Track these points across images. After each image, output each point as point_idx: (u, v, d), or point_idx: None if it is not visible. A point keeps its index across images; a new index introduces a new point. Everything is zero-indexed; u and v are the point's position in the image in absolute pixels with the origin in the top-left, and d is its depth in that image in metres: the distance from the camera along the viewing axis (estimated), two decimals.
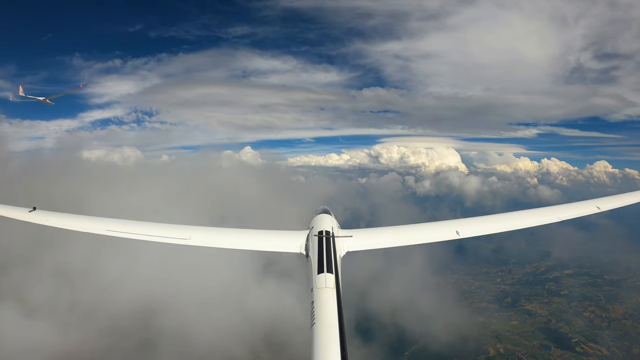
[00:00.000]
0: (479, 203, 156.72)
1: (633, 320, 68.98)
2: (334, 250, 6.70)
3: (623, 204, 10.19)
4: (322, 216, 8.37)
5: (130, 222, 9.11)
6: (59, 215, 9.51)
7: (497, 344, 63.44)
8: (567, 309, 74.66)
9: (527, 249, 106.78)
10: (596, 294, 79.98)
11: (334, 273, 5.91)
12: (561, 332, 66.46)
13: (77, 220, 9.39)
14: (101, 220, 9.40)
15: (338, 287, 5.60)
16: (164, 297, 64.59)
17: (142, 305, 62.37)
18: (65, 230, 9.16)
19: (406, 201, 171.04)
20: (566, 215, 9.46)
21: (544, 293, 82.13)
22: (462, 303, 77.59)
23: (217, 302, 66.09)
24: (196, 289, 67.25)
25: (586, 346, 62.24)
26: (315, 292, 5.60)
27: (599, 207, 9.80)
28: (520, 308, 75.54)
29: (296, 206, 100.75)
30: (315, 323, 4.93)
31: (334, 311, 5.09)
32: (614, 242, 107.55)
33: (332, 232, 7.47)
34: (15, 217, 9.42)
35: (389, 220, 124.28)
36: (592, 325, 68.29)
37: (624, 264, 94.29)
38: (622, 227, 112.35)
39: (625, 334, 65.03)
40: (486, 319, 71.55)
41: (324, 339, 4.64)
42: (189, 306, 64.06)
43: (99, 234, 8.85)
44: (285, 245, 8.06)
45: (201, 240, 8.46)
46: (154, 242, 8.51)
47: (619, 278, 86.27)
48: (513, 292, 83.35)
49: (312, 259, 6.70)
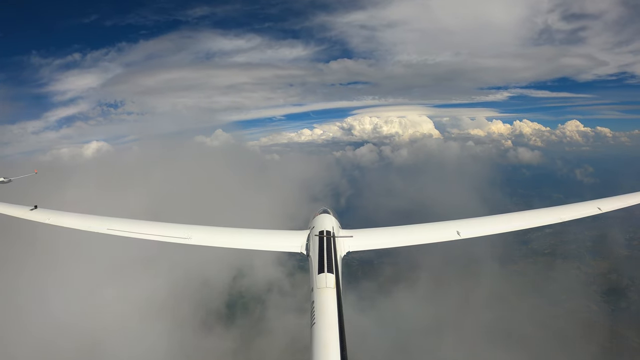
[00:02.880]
0: (462, 169, 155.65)
1: (618, 274, 69.09)
2: (334, 250, 6.71)
3: (624, 205, 10.18)
4: (323, 216, 8.30)
5: (132, 221, 9.17)
6: (60, 214, 9.56)
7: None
8: (552, 266, 73.71)
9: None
10: (579, 250, 80.00)
11: (334, 273, 5.89)
12: (549, 289, 65.48)
13: (78, 218, 9.40)
14: (103, 219, 9.33)
15: (338, 287, 5.60)
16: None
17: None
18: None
19: (386, 171, 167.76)
20: (568, 216, 9.52)
21: (529, 253, 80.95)
22: None
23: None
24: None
25: (575, 302, 61.75)
26: (316, 291, 5.59)
27: (600, 208, 9.85)
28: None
29: (273, 190, 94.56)
30: (316, 323, 4.93)
31: (334, 311, 5.07)
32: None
33: (333, 232, 7.45)
34: (17, 215, 9.65)
35: (372, 193, 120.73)
36: (579, 281, 68.09)
37: (604, 219, 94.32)
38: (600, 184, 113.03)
39: (612, 289, 65.03)
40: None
41: (324, 338, 4.63)
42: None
43: (100, 233, 8.86)
44: (285, 245, 8.09)
45: (201, 240, 8.47)
46: (154, 241, 8.55)
47: (600, 233, 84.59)
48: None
49: (312, 259, 6.80)
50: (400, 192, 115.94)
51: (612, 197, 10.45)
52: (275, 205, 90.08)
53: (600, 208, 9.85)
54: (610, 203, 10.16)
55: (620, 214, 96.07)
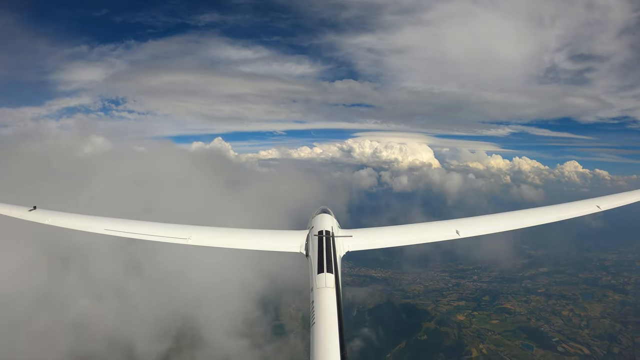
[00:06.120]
0: (462, 201, 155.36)
1: (611, 319, 68.35)
2: (333, 250, 6.62)
3: (623, 203, 10.03)
4: (322, 216, 8.22)
5: (130, 221, 9.09)
6: (58, 215, 9.45)
7: (480, 344, 60.36)
8: (545, 307, 73.42)
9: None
10: (573, 292, 79.34)
11: (333, 273, 5.84)
12: (542, 331, 64.97)
13: (77, 219, 9.36)
14: (101, 219, 9.29)
15: (338, 287, 5.56)
16: None
17: None
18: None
19: (385, 198, 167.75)
20: (566, 214, 9.36)
21: (521, 291, 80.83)
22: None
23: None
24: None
25: (567, 345, 60.92)
26: (315, 291, 5.57)
27: (599, 206, 9.65)
28: (499, 307, 73.44)
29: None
30: (315, 323, 4.89)
31: (334, 311, 5.03)
32: (586, 240, 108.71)
33: (332, 232, 7.39)
34: (15, 216, 9.44)
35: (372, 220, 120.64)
36: (572, 324, 67.26)
37: (597, 262, 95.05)
38: (592, 227, 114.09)
39: (605, 333, 64.18)
40: (466, 318, 68.58)
41: (324, 338, 4.59)
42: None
43: (98, 233, 8.80)
44: (285, 245, 7.97)
45: (200, 240, 8.37)
46: (152, 241, 8.50)
47: (593, 276, 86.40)
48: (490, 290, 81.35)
49: (312, 259, 6.67)
50: (402, 222, 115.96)
51: (611, 195, 10.32)
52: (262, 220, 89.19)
53: (599, 206, 9.65)
54: (609, 201, 10.00)
55: (614, 258, 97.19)
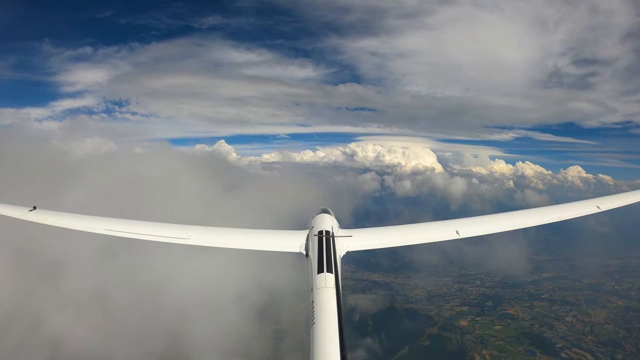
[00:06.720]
0: (466, 206, 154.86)
1: (615, 324, 67.98)
2: (333, 250, 6.63)
3: (623, 204, 10.04)
4: (322, 216, 8.26)
5: (130, 221, 9.11)
6: (59, 215, 9.48)
7: (483, 349, 60.13)
8: (549, 313, 73.04)
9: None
10: (576, 298, 79.02)
11: (333, 273, 5.85)
12: (545, 337, 64.64)
13: (77, 219, 9.39)
14: (101, 219, 9.33)
15: (338, 287, 5.56)
16: None
17: None
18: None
19: (389, 202, 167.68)
20: (566, 215, 9.33)
21: (525, 296, 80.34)
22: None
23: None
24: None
25: (571, 352, 60.57)
26: (315, 291, 5.56)
27: (599, 206, 9.68)
28: (502, 312, 73.18)
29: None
30: (315, 323, 4.89)
31: (334, 311, 5.03)
32: (590, 246, 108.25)
33: (332, 232, 7.41)
34: (15, 216, 9.43)
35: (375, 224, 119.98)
36: (575, 330, 66.96)
37: (600, 268, 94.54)
38: (596, 232, 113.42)
39: (609, 339, 63.91)
40: (469, 323, 68.37)
41: (324, 338, 4.60)
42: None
43: (98, 234, 8.82)
44: (285, 245, 8.00)
45: (200, 240, 8.39)
46: (152, 241, 8.51)
47: (597, 282, 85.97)
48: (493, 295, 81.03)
49: (312, 259, 6.69)
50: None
51: (611, 196, 10.35)
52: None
53: (599, 207, 9.69)
54: (609, 202, 10.04)
55: (618, 264, 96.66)
